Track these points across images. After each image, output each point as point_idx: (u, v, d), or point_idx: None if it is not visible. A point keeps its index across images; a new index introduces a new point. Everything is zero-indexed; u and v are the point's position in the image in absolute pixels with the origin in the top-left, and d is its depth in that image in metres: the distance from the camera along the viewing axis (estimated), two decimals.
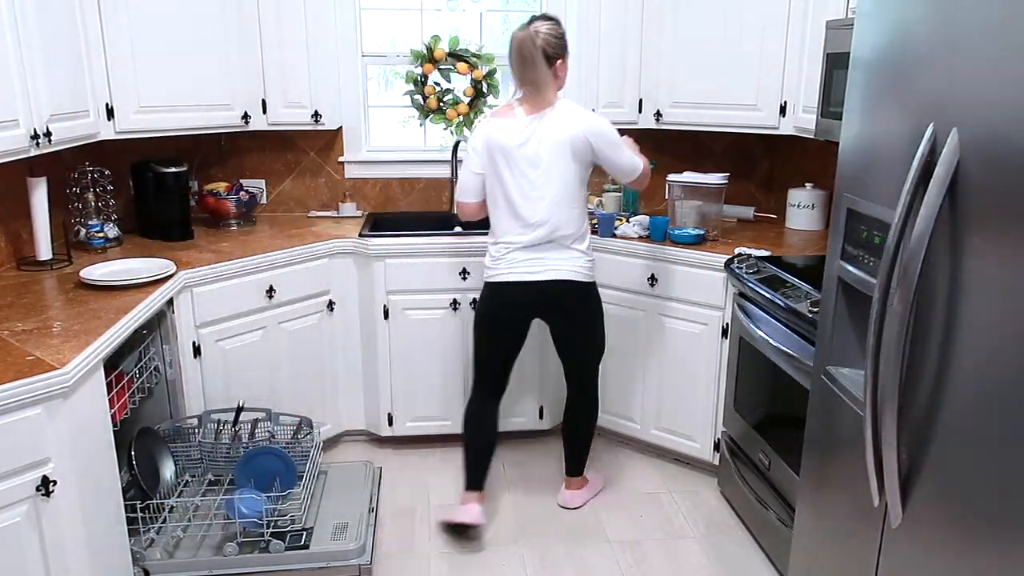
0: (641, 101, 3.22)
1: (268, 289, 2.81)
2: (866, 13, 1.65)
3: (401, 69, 3.51)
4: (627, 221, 3.12)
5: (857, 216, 1.69)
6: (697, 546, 2.64)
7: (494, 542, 2.65)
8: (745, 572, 2.50)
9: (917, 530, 1.47)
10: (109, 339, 1.95)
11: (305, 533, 2.31)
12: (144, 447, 2.38)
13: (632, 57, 3.19)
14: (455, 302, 3.06)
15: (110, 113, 2.65)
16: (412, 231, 3.09)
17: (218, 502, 2.36)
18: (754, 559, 2.56)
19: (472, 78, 3.43)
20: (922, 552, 1.45)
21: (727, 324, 2.81)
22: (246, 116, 3.04)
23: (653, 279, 2.96)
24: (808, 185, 3.21)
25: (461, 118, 3.46)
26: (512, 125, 2.46)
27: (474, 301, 3.05)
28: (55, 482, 1.71)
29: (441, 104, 3.46)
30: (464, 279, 3.04)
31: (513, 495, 2.94)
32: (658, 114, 3.20)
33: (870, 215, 1.63)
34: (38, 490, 1.68)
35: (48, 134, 2.21)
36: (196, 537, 2.33)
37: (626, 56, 3.19)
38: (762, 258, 2.71)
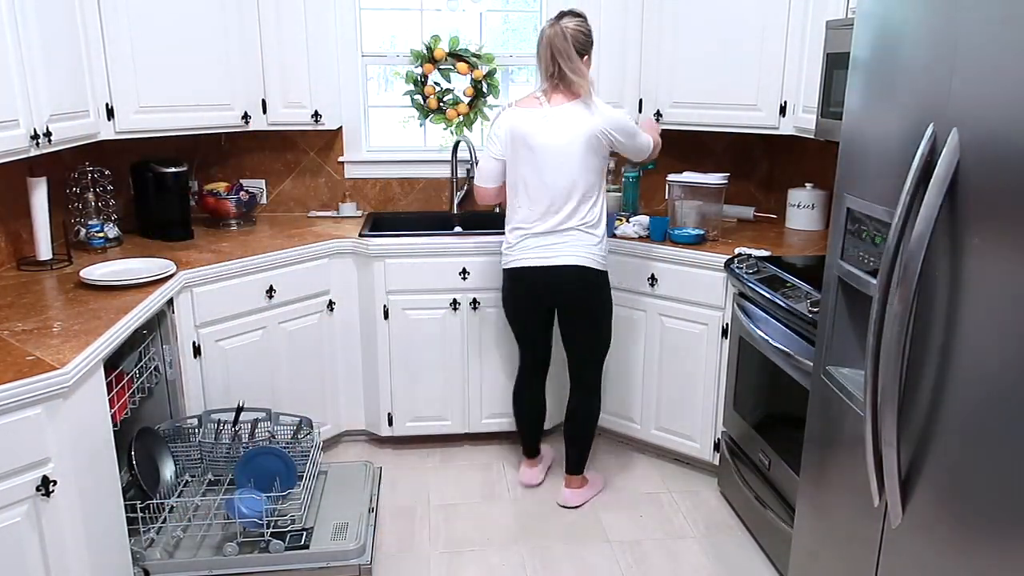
0: (641, 101, 3.22)
1: (268, 289, 2.81)
2: (866, 13, 1.65)
3: (401, 69, 3.51)
4: (627, 221, 3.12)
5: (857, 216, 1.69)
6: (697, 546, 2.64)
7: (494, 542, 2.65)
8: (745, 572, 2.50)
9: (917, 530, 1.47)
10: (109, 339, 1.95)
11: (305, 533, 2.31)
12: (144, 447, 2.38)
13: (632, 57, 3.19)
14: (455, 302, 3.06)
15: (110, 113, 2.65)
16: (412, 231, 3.09)
17: (218, 502, 2.36)
18: (754, 559, 2.56)
19: (472, 78, 3.43)
20: (922, 552, 1.45)
21: (727, 324, 2.81)
22: (246, 116, 3.05)
23: (653, 279, 2.96)
24: (808, 185, 3.21)
25: (461, 118, 3.47)
26: (537, 115, 2.54)
27: (474, 301, 3.06)
28: (55, 482, 1.71)
29: (441, 104, 3.47)
30: (464, 279, 3.04)
31: (513, 495, 2.94)
32: (658, 114, 3.19)
33: (870, 215, 1.63)
34: (38, 490, 1.68)
35: (48, 134, 2.21)
36: (196, 537, 2.33)
37: (626, 56, 3.19)
38: (762, 258, 2.71)
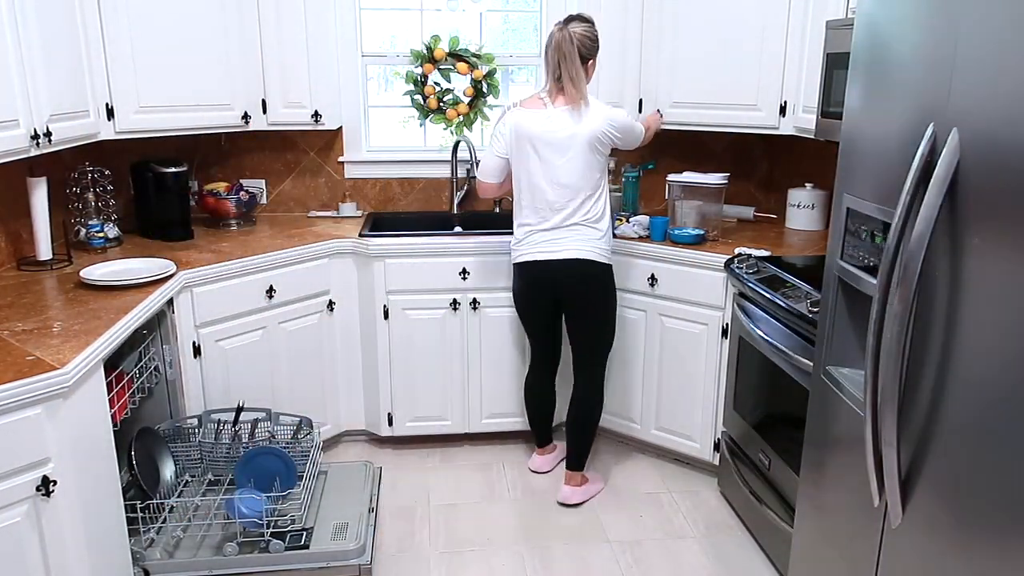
0: (641, 101, 3.21)
1: (268, 289, 2.81)
2: (866, 13, 1.65)
3: (401, 69, 3.51)
4: (627, 221, 3.12)
5: (857, 216, 1.69)
6: (697, 546, 2.64)
7: (494, 542, 2.65)
8: (745, 572, 2.50)
9: (917, 530, 1.47)
10: (109, 339, 1.95)
11: (305, 533, 2.31)
12: (144, 447, 2.38)
13: (632, 57, 3.19)
14: (455, 302, 3.06)
15: (110, 113, 2.65)
16: (412, 231, 3.09)
17: (218, 502, 2.36)
18: (754, 559, 2.56)
19: (472, 78, 3.43)
20: (922, 552, 1.45)
21: (727, 324, 2.81)
22: (246, 116, 3.04)
23: (653, 279, 2.96)
24: (808, 185, 3.21)
25: (461, 118, 3.46)
26: (541, 116, 2.62)
27: (474, 301, 3.06)
28: (55, 482, 1.71)
29: (441, 104, 3.47)
30: (464, 279, 3.04)
31: (513, 495, 2.94)
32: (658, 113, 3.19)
33: (870, 215, 1.63)
34: (38, 490, 1.68)
35: (48, 134, 2.21)
36: (196, 537, 2.33)
37: (626, 56, 3.19)
38: (762, 258, 2.71)
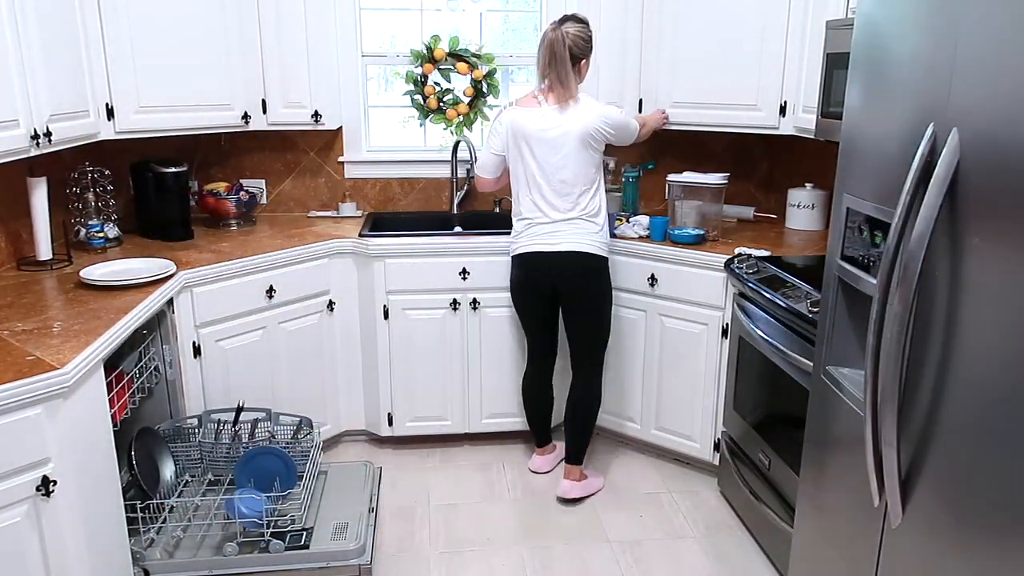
0: (641, 101, 3.21)
1: (268, 289, 2.81)
2: (866, 13, 1.65)
3: (401, 69, 3.51)
4: (627, 221, 3.12)
5: (857, 216, 1.69)
6: (697, 546, 2.64)
7: (494, 542, 2.65)
8: (745, 572, 2.50)
9: (917, 530, 1.47)
10: (109, 339, 1.95)
11: (305, 533, 2.31)
12: (144, 447, 2.38)
13: (632, 57, 3.19)
14: (455, 302, 3.06)
15: (110, 113, 2.65)
16: (412, 231, 3.09)
17: (218, 502, 2.36)
18: (754, 559, 2.56)
19: (472, 78, 3.43)
20: (922, 552, 1.45)
21: (727, 324, 2.81)
22: (246, 116, 3.04)
23: (653, 279, 2.96)
24: (808, 185, 3.21)
25: (461, 118, 3.47)
26: (536, 114, 2.69)
27: (474, 301, 3.06)
28: (55, 482, 1.71)
29: (441, 104, 3.47)
30: (464, 279, 3.04)
31: (513, 495, 2.94)
32: None
33: (870, 215, 1.63)
34: (38, 490, 1.68)
35: (48, 134, 2.21)
36: (196, 537, 2.33)
37: (626, 56, 3.19)
38: (762, 258, 2.71)
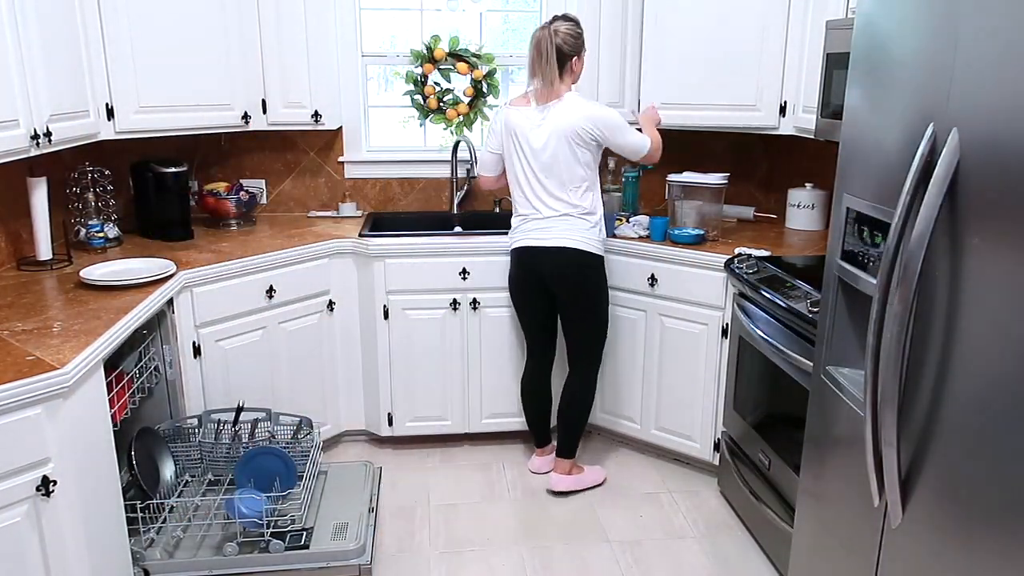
0: (640, 101, 3.21)
1: (268, 289, 2.81)
2: (866, 13, 1.65)
3: (401, 69, 3.51)
4: (627, 221, 3.12)
5: (857, 216, 1.69)
6: (697, 546, 2.64)
7: (494, 542, 2.65)
8: (745, 572, 2.50)
9: (917, 530, 1.47)
10: (109, 339, 1.95)
11: (305, 533, 2.31)
12: (144, 447, 2.38)
13: (632, 57, 3.19)
14: (455, 302, 3.06)
15: (110, 113, 2.65)
16: (412, 231, 3.09)
17: (218, 502, 2.36)
18: (754, 559, 2.56)
19: (472, 78, 3.43)
20: (922, 552, 1.45)
21: (727, 324, 2.81)
22: (246, 116, 3.04)
23: (653, 279, 2.96)
24: (808, 185, 3.21)
25: (461, 118, 3.47)
26: (525, 113, 2.72)
27: (474, 301, 3.06)
28: (55, 482, 1.71)
29: (441, 104, 3.47)
30: (464, 279, 3.04)
31: (513, 495, 2.94)
32: None
33: (870, 215, 1.63)
34: (38, 490, 1.68)
35: (48, 134, 2.21)
36: (196, 537, 2.33)
37: (626, 56, 3.19)
38: (762, 258, 2.71)
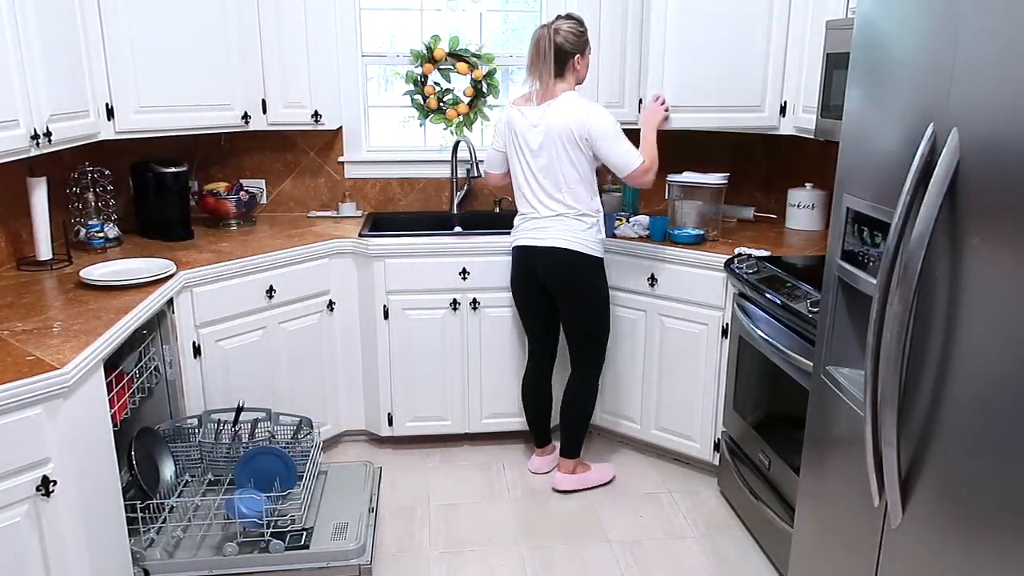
0: (641, 101, 3.21)
1: (268, 289, 2.81)
2: (866, 13, 1.65)
3: (401, 69, 3.51)
4: (627, 221, 3.12)
5: (857, 216, 1.69)
6: (697, 546, 2.64)
7: (494, 542, 2.65)
8: (745, 572, 2.50)
9: (917, 530, 1.47)
10: (109, 339, 1.95)
11: (305, 533, 2.31)
12: (144, 447, 2.38)
13: (632, 57, 3.19)
14: (455, 302, 3.06)
15: (110, 113, 2.65)
16: (412, 231, 3.10)
17: (218, 502, 2.36)
18: (754, 559, 2.56)
19: (472, 78, 3.43)
20: (922, 552, 1.45)
21: (727, 324, 2.81)
22: (246, 116, 3.04)
23: (653, 279, 2.96)
24: (808, 185, 3.21)
25: (461, 118, 3.47)
26: (526, 112, 2.73)
27: (474, 301, 3.06)
28: (55, 482, 1.71)
29: (441, 104, 3.47)
30: (464, 279, 3.04)
31: (513, 495, 2.94)
32: None
33: (870, 215, 1.63)
34: (38, 490, 1.68)
35: (48, 134, 2.21)
36: (196, 537, 2.33)
37: (626, 56, 3.19)
38: (762, 258, 2.71)
